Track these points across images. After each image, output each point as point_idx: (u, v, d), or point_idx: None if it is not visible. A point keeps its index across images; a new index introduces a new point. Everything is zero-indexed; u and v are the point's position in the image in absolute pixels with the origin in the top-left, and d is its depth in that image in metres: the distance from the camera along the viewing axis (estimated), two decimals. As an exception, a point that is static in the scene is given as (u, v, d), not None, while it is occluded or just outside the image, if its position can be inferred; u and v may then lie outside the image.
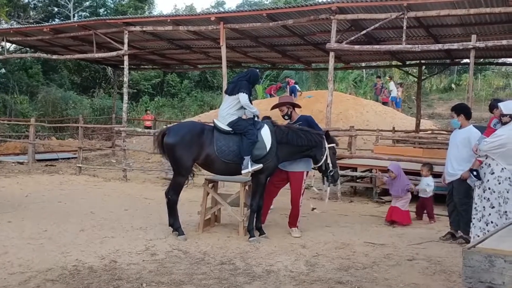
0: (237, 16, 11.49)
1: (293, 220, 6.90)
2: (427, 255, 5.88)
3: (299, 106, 7.29)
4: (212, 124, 6.66)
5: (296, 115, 7.08)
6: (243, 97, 6.48)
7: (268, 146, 6.39)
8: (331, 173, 6.57)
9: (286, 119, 7.08)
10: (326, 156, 6.53)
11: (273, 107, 7.20)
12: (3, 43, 16.01)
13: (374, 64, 22.68)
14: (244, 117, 6.64)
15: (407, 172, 8.54)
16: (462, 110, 6.59)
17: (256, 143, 6.36)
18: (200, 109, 28.25)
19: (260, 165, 6.32)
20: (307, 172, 6.93)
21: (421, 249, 6.18)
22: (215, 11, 28.95)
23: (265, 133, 6.45)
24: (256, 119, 6.63)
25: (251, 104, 6.59)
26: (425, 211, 8.27)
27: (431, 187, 8.15)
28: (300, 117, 7.06)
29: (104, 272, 5.02)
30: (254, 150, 6.34)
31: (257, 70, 7.26)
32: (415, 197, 8.35)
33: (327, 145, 6.54)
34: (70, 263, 5.28)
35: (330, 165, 6.54)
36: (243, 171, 6.38)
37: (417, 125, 15.80)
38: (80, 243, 6.05)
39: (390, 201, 9.34)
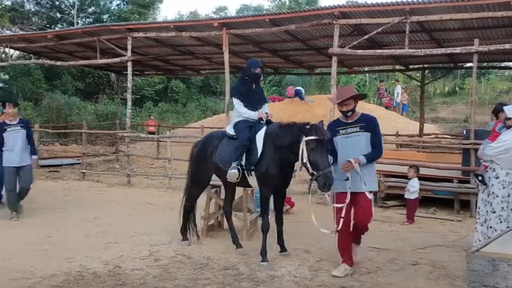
0: (239, 22, 11.52)
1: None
2: (431, 259, 5.86)
3: (362, 98, 5.80)
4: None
5: (357, 113, 5.30)
6: (235, 103, 6.11)
7: (259, 150, 5.64)
8: (314, 177, 5.02)
9: (347, 116, 5.24)
10: (302, 152, 5.09)
11: (338, 103, 5.19)
12: (6, 50, 16.09)
13: (377, 68, 22.66)
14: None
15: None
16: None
17: (246, 147, 5.78)
18: (203, 115, 28.27)
19: (236, 172, 5.72)
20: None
21: (425, 253, 6.16)
22: (217, 16, 29.01)
23: (259, 136, 5.74)
24: (261, 121, 5.94)
25: (244, 108, 6.00)
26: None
27: (414, 188, 8.14)
28: (361, 116, 5.28)
29: (108, 277, 5.03)
30: (250, 155, 5.75)
31: (254, 59, 6.74)
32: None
33: (304, 139, 5.09)
34: (74, 268, 5.30)
35: (308, 164, 5.06)
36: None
37: (421, 129, 15.74)
38: (84, 249, 6.06)
39: (394, 206, 9.36)
